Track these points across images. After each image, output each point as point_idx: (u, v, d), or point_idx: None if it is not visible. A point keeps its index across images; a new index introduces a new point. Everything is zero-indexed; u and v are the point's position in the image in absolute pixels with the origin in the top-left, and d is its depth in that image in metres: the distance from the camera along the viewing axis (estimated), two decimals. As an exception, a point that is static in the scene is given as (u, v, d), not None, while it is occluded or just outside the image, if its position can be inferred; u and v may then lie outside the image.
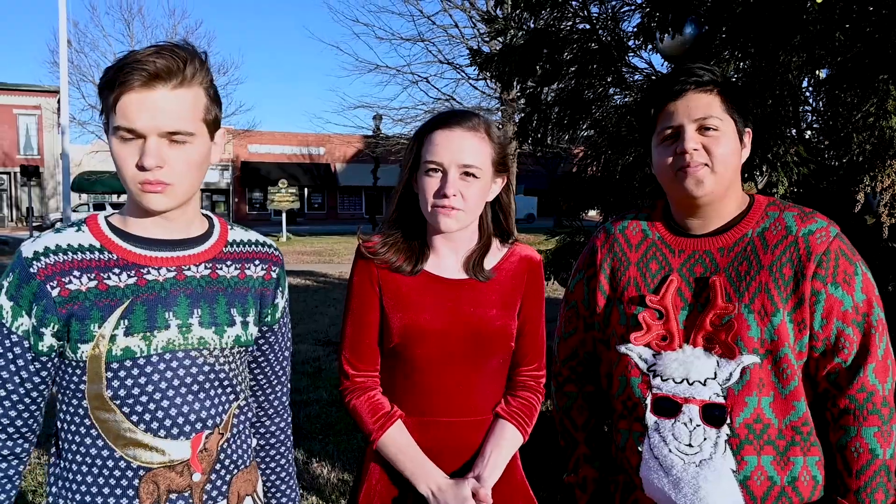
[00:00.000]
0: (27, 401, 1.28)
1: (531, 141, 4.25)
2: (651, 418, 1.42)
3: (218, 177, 39.91)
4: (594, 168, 4.04)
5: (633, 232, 1.55)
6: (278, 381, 1.54)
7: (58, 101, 30.58)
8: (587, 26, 4.03)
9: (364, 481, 1.59)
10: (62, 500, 1.29)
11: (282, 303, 1.48)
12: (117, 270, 1.27)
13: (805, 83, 3.24)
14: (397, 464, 1.53)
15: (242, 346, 1.38)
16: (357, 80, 44.71)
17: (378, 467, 1.58)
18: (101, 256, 1.27)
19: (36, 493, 3.46)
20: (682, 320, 1.42)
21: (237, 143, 37.77)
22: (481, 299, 1.56)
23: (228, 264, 1.38)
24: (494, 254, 1.61)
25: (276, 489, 1.56)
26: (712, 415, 1.37)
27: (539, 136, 4.14)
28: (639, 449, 1.45)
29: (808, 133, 3.32)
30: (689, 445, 1.38)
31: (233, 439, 1.36)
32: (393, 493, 1.57)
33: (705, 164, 1.39)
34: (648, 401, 1.43)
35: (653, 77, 3.90)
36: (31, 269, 1.23)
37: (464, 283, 1.57)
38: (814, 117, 3.37)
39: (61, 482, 1.30)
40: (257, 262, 1.43)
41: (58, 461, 1.32)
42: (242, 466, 1.39)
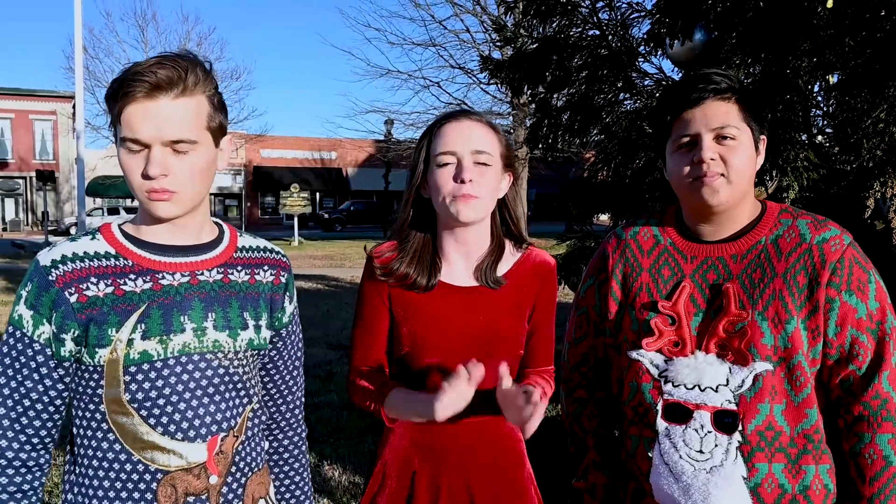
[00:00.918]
0: (51, 409, 1.29)
1: (542, 146, 4.26)
2: (662, 424, 1.42)
3: (230, 181, 40.14)
4: (604, 173, 4.05)
5: (645, 237, 1.55)
6: (289, 392, 1.53)
7: (73, 107, 30.83)
8: (597, 32, 4.04)
9: (374, 480, 1.60)
10: None
11: (290, 308, 1.49)
12: (133, 276, 1.28)
13: (816, 88, 3.23)
14: (409, 415, 1.47)
15: (255, 349, 1.39)
16: (368, 85, 45.14)
17: (388, 466, 1.58)
18: (117, 263, 1.29)
19: (52, 494, 3.50)
20: (695, 326, 1.42)
21: (249, 147, 37.95)
22: (493, 307, 1.55)
23: (239, 269, 1.39)
24: (508, 259, 1.59)
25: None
26: (724, 421, 1.37)
27: (550, 141, 4.15)
28: (649, 455, 1.45)
29: (820, 138, 3.31)
30: (700, 452, 1.38)
31: (247, 442, 1.37)
32: (403, 492, 1.57)
33: (721, 175, 1.38)
34: (659, 406, 1.42)
35: (663, 82, 3.90)
36: (50, 276, 1.25)
37: (475, 290, 1.56)
38: (825, 122, 3.36)
39: (77, 488, 1.31)
40: (266, 267, 1.44)
41: (73, 467, 1.32)
42: (256, 469, 1.40)
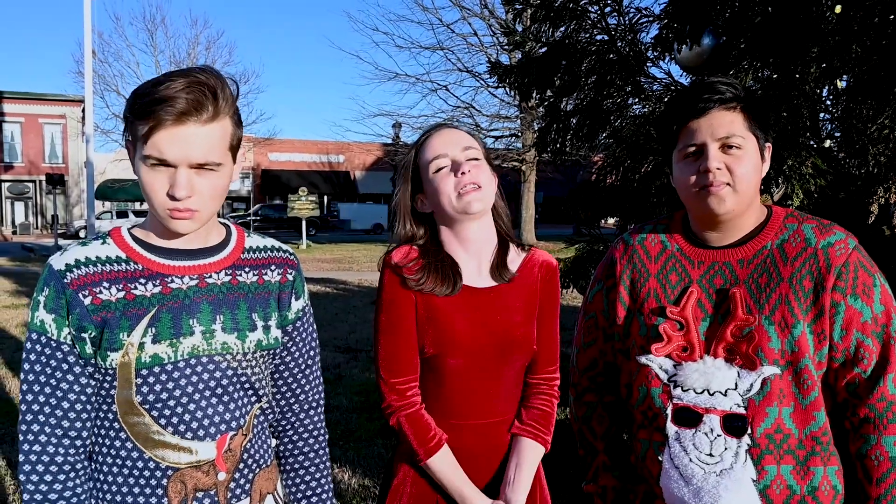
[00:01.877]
0: (88, 408, 1.32)
1: (550, 150, 4.28)
2: (672, 428, 1.43)
3: (238, 185, 40.22)
4: (613, 177, 4.06)
5: (652, 243, 1.56)
6: (302, 391, 1.51)
7: (82, 111, 31.05)
8: (605, 37, 4.06)
9: (393, 481, 1.63)
10: (94, 500, 1.33)
11: (297, 305, 1.48)
12: (143, 280, 1.30)
13: (825, 92, 3.24)
14: (441, 483, 1.57)
15: (265, 350, 1.40)
16: (377, 89, 45.21)
17: (407, 467, 1.61)
18: (128, 267, 1.31)
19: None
20: (703, 331, 1.44)
21: (258, 151, 38.10)
22: (507, 305, 1.59)
23: (247, 270, 1.41)
24: (514, 260, 1.64)
25: None
26: (733, 425, 1.38)
27: (558, 146, 4.17)
28: (659, 458, 1.46)
29: (828, 143, 3.32)
30: (710, 455, 1.39)
31: (255, 439, 1.40)
32: (421, 493, 1.59)
33: (727, 184, 1.39)
34: (669, 411, 1.44)
35: (672, 87, 3.91)
36: (65, 279, 1.27)
37: (490, 290, 1.60)
38: (833, 126, 3.37)
39: (91, 482, 1.34)
40: (273, 266, 1.45)
41: (87, 464, 1.35)
42: (264, 465, 1.42)
